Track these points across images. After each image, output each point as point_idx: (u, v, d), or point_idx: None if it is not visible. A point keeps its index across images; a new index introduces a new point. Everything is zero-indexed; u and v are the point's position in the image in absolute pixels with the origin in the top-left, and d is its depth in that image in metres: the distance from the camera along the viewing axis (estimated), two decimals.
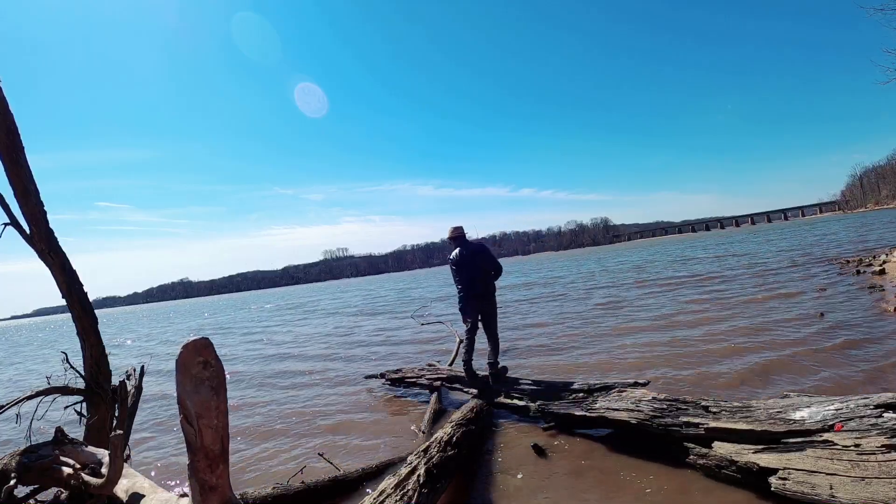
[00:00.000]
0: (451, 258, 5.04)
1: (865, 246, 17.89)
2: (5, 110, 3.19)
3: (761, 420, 2.89)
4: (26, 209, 3.34)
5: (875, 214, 68.77)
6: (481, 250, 5.04)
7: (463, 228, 5.15)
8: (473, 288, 4.90)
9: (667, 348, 6.52)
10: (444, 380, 5.38)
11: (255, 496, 3.15)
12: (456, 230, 5.12)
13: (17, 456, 3.00)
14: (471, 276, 4.92)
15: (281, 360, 9.78)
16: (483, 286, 4.94)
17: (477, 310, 4.96)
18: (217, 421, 1.54)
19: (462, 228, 5.15)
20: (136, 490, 2.42)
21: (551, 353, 7.26)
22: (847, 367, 4.85)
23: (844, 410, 2.68)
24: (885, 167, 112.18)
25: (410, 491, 2.73)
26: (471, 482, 3.41)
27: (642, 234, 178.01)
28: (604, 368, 6.00)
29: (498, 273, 5.09)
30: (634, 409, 3.51)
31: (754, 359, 5.45)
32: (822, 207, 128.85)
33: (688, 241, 62.65)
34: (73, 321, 3.53)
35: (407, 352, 8.90)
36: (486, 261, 5.00)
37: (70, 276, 3.50)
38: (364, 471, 3.58)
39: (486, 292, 4.96)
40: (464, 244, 5.04)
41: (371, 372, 6.71)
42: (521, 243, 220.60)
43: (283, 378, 7.95)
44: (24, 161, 3.29)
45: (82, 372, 3.59)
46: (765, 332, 6.74)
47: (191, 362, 1.51)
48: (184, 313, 47.66)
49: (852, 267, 12.00)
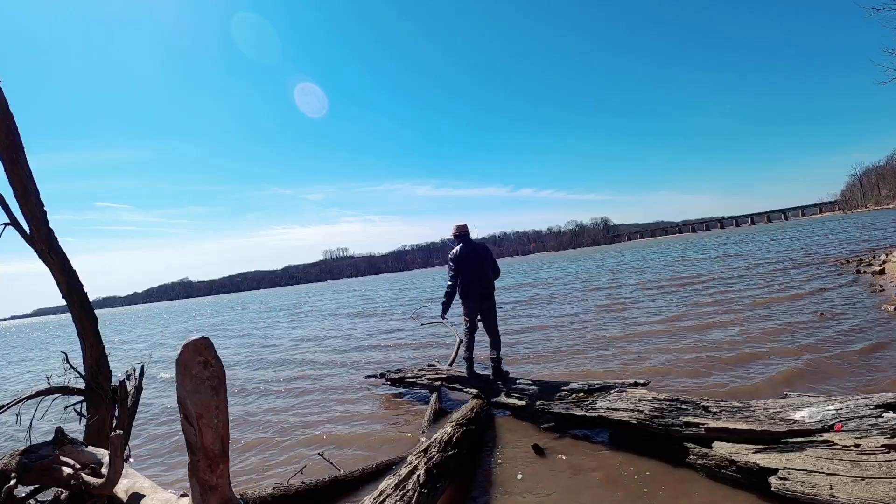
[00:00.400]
0: (452, 254, 5.03)
1: (865, 246, 17.90)
2: (5, 110, 3.19)
3: (761, 420, 2.89)
4: (26, 209, 3.33)
5: (875, 214, 68.78)
6: (484, 251, 5.10)
7: (468, 227, 5.16)
8: (472, 287, 4.94)
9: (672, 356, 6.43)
10: (444, 380, 5.38)
11: (255, 496, 3.15)
12: (461, 228, 5.12)
13: (17, 456, 3.00)
14: (471, 275, 4.95)
15: (280, 361, 9.78)
16: (483, 286, 4.99)
17: (476, 310, 5.00)
18: (217, 421, 1.55)
19: (467, 227, 5.16)
20: (137, 490, 2.42)
21: (550, 361, 7.14)
22: (847, 367, 4.85)
23: (844, 410, 2.68)
24: (885, 167, 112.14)
25: (410, 491, 2.73)
26: (471, 482, 3.41)
27: (642, 234, 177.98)
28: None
29: (496, 275, 5.14)
30: (634, 409, 3.50)
31: (760, 367, 5.30)
32: (822, 207, 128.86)
33: (688, 241, 62.63)
34: (73, 321, 3.53)
35: (407, 352, 8.90)
36: (487, 261, 5.05)
37: (70, 276, 3.49)
38: (364, 471, 3.58)
39: (486, 292, 5.01)
40: (468, 242, 5.06)
41: (371, 372, 6.71)
42: (521, 243, 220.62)
43: (282, 378, 7.95)
44: (23, 161, 3.29)
45: (82, 372, 3.59)
46: (765, 333, 6.74)
47: (191, 362, 1.51)
48: (174, 314, 47.62)
49: (852, 267, 12.01)
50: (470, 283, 4.95)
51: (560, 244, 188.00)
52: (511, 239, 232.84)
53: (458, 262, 4.96)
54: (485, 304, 5.00)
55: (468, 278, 4.95)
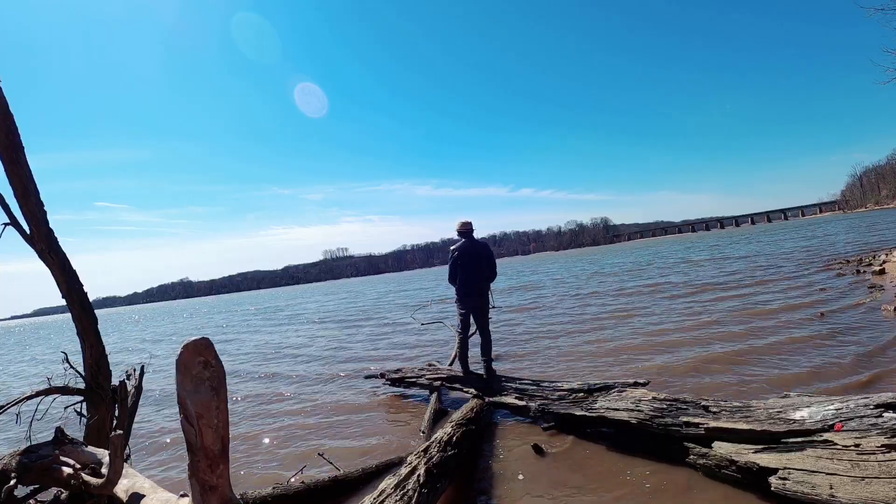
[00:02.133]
0: (455, 248, 5.10)
1: (865, 246, 17.90)
2: (5, 110, 3.19)
3: (761, 420, 2.89)
4: (26, 209, 3.33)
5: (875, 214, 68.80)
6: (486, 249, 5.18)
7: (472, 224, 5.19)
8: (470, 284, 5.05)
9: (672, 356, 6.45)
10: (444, 380, 5.38)
11: (255, 496, 3.15)
12: (465, 224, 5.16)
13: (17, 456, 2.99)
14: (471, 272, 5.04)
15: (280, 360, 9.78)
16: (480, 283, 5.11)
17: (471, 307, 5.11)
18: (217, 421, 1.54)
19: (471, 224, 5.19)
20: (137, 490, 2.41)
21: (550, 361, 7.14)
22: (846, 367, 4.85)
23: (844, 410, 2.68)
24: (885, 167, 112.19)
25: (410, 491, 2.73)
26: (471, 482, 3.41)
27: (642, 233, 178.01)
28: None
29: (493, 276, 5.24)
30: (634, 409, 3.51)
31: (760, 367, 5.27)
32: (822, 207, 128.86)
33: (688, 241, 62.61)
34: (73, 321, 3.53)
35: (406, 352, 8.90)
36: (487, 261, 5.14)
37: (70, 276, 3.49)
38: (364, 471, 3.58)
39: (482, 291, 5.13)
40: (470, 239, 5.14)
41: (371, 372, 6.71)
42: (521, 243, 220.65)
43: (282, 378, 7.95)
44: (23, 161, 3.28)
45: (82, 372, 3.59)
46: (764, 333, 6.74)
47: (191, 362, 1.50)
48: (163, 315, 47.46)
49: (852, 267, 12.01)
50: (469, 279, 5.04)
51: (560, 244, 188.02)
52: (511, 239, 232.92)
53: (461, 256, 5.03)
54: (479, 301, 5.10)
55: (467, 275, 5.03)
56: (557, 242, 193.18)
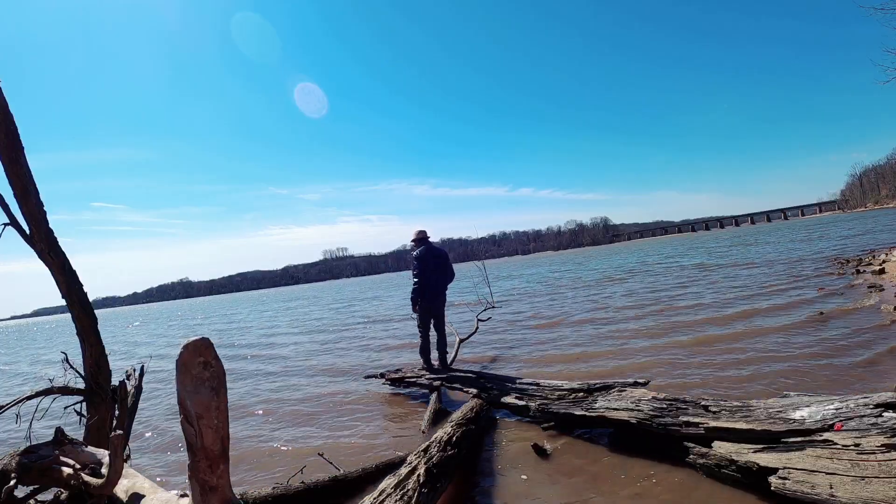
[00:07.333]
0: (416, 254, 5.72)
1: (865, 245, 17.90)
2: (5, 110, 3.19)
3: (761, 419, 2.89)
4: (26, 209, 3.33)
5: (875, 214, 68.83)
6: (444, 255, 5.88)
7: (426, 232, 5.94)
8: (430, 287, 5.66)
9: (672, 356, 6.46)
10: (444, 380, 5.38)
11: (255, 496, 3.14)
12: (421, 232, 5.92)
13: (17, 456, 2.99)
14: (430, 275, 5.64)
15: (280, 359, 9.78)
16: (440, 285, 5.75)
17: (430, 308, 5.72)
18: (217, 421, 1.54)
19: (426, 232, 5.94)
20: (137, 490, 2.42)
21: (550, 361, 7.19)
22: (846, 366, 4.85)
23: (844, 410, 2.68)
24: (885, 167, 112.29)
25: (410, 491, 2.73)
26: (471, 482, 3.41)
27: (642, 233, 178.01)
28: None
29: (451, 278, 5.88)
30: (634, 409, 3.51)
31: (760, 367, 5.20)
32: (822, 207, 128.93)
33: (688, 241, 62.64)
34: (73, 321, 3.53)
35: (406, 352, 8.90)
36: (445, 265, 5.79)
37: (70, 277, 3.49)
38: (364, 471, 3.57)
39: (440, 293, 5.77)
40: (428, 246, 5.79)
41: (371, 372, 6.71)
42: (521, 243, 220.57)
43: (281, 377, 7.95)
44: (23, 161, 3.28)
45: (82, 372, 3.59)
46: (764, 332, 6.74)
47: (191, 363, 1.51)
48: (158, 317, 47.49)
49: (852, 266, 12.01)
50: (429, 283, 5.63)
51: (560, 244, 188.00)
52: (511, 239, 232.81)
53: (422, 262, 5.63)
54: (437, 303, 5.75)
55: (427, 279, 5.63)
56: (557, 242, 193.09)
